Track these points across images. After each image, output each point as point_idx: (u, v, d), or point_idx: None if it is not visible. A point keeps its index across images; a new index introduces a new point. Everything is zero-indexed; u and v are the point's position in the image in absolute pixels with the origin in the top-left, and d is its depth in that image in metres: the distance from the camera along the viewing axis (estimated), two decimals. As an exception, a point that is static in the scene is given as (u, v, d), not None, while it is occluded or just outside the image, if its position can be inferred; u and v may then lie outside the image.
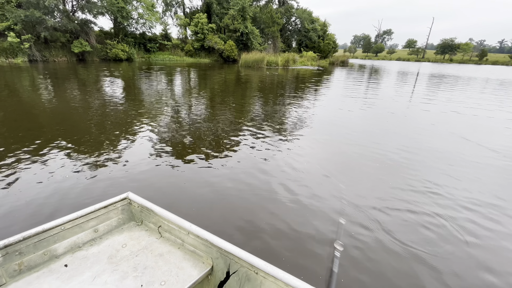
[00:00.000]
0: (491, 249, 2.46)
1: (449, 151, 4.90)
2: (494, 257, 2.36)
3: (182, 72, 17.67)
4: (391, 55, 76.75)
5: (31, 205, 2.72)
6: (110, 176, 3.38)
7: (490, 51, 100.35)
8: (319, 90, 12.23)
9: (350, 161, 4.33)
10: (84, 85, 10.43)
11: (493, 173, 4.07)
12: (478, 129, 6.58)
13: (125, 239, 1.64)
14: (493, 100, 11.13)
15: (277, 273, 1.20)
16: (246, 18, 27.79)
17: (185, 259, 1.50)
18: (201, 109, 7.52)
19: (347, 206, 3.00)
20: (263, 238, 2.44)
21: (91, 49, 21.49)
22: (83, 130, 5.10)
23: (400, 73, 25.93)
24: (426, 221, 2.80)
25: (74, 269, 1.39)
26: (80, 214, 1.58)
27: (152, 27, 26.39)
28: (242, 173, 3.65)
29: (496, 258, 2.36)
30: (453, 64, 51.88)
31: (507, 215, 3.00)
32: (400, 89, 14.09)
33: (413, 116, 7.90)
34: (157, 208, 1.68)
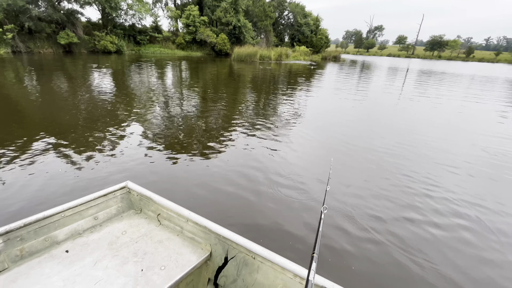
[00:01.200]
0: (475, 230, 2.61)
1: (442, 146, 5.08)
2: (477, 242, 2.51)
3: (173, 65, 17.38)
4: (382, 51, 77.56)
5: (22, 198, 2.69)
6: (103, 170, 3.35)
7: (477, 48, 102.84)
8: (313, 85, 12.31)
9: (342, 154, 4.43)
10: (72, 78, 10.14)
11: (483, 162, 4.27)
12: (464, 120, 6.82)
13: (124, 227, 1.68)
14: (479, 95, 11.50)
15: (273, 257, 1.25)
16: (239, 11, 27.42)
17: (184, 246, 1.54)
18: (193, 103, 7.47)
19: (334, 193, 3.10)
20: (258, 231, 2.50)
21: (79, 40, 20.78)
22: (72, 125, 4.99)
23: (391, 69, 26.31)
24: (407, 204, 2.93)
25: (75, 254, 1.43)
26: (80, 202, 1.61)
27: (142, 19, 25.71)
28: (235, 167, 3.68)
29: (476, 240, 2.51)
30: (442, 61, 52.95)
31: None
32: (391, 85, 14.32)
33: (402, 110, 8.10)
34: (156, 197, 1.71)
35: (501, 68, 37.41)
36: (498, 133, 6.07)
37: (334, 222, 2.65)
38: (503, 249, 2.44)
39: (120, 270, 1.34)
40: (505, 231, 2.69)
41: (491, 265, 2.25)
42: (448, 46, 65.74)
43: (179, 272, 1.36)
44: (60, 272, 1.30)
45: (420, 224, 2.70)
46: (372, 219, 2.72)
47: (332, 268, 2.11)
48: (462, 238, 2.55)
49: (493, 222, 2.82)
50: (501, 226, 2.76)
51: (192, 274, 1.43)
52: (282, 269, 1.22)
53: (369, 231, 2.54)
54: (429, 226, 2.68)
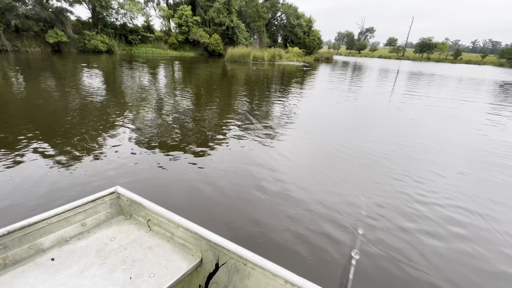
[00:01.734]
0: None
1: (431, 144, 5.18)
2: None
3: (166, 65, 17.20)
4: (373, 53, 78.90)
5: (6, 204, 2.60)
6: (93, 173, 3.27)
7: (464, 50, 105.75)
8: (307, 86, 12.39)
9: (335, 155, 4.46)
10: (61, 78, 9.89)
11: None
12: (452, 121, 6.99)
13: (113, 233, 1.64)
14: (466, 96, 11.81)
15: (264, 264, 1.23)
16: (232, 12, 27.38)
17: (175, 252, 1.52)
18: (186, 105, 7.40)
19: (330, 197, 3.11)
20: (250, 233, 2.48)
21: (68, 39, 20.34)
22: (60, 126, 4.86)
23: (382, 70, 26.75)
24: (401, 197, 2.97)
25: (61, 262, 1.38)
26: (67, 208, 1.56)
27: (134, 18, 25.37)
28: (229, 170, 3.65)
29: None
30: (431, 63, 54.19)
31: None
32: (382, 86, 14.56)
33: (393, 111, 8.24)
34: (146, 202, 1.68)
35: (488, 70, 38.57)
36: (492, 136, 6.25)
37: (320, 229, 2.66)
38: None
39: (107, 279, 1.31)
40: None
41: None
42: (437, 48, 67.40)
43: (168, 280, 1.33)
44: (45, 281, 1.26)
45: (415, 233, 2.74)
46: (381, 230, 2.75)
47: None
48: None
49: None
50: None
51: (182, 281, 1.41)
52: (273, 276, 1.21)
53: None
54: (423, 235, 2.72)
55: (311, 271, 2.08)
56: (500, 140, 5.74)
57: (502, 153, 4.96)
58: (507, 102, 11.39)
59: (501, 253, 2.45)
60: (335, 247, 2.33)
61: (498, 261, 2.35)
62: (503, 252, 2.46)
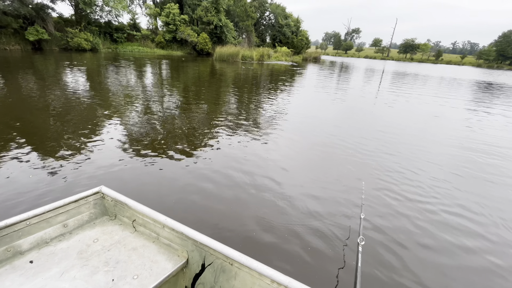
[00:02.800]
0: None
1: (415, 140, 5.41)
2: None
3: (153, 64, 16.92)
4: (360, 53, 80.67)
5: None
6: (77, 174, 3.18)
7: (445, 51, 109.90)
8: (296, 85, 12.55)
9: (325, 153, 4.59)
10: (43, 77, 9.54)
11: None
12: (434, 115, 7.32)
13: (97, 234, 1.60)
14: (450, 95, 12.35)
15: (251, 263, 1.23)
16: (220, 11, 27.23)
17: (160, 253, 1.50)
18: (174, 104, 7.34)
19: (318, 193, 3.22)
20: (240, 233, 2.49)
21: (49, 37, 19.59)
22: (42, 127, 4.70)
23: (368, 70, 27.42)
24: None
25: (40, 265, 1.34)
26: (48, 209, 1.51)
27: (119, 16, 24.79)
28: (218, 169, 3.63)
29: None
30: (414, 63, 56.01)
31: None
32: (368, 85, 14.95)
33: (379, 109, 8.51)
34: (131, 202, 1.64)
35: (467, 70, 40.33)
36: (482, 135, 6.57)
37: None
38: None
39: (88, 281, 1.27)
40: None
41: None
42: (420, 49, 69.75)
43: (153, 281, 1.30)
44: (22, 285, 1.21)
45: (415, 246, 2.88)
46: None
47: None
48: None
49: None
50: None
51: (167, 282, 1.38)
52: (260, 275, 1.20)
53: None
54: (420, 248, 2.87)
55: (309, 271, 2.16)
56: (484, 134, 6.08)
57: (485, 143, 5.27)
58: (494, 102, 12.00)
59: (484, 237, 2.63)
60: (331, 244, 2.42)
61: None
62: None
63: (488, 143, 5.62)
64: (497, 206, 3.23)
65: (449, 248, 2.45)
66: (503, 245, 2.56)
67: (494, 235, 2.69)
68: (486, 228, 2.79)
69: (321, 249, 2.28)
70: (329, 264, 2.15)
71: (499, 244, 2.57)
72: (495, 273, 2.22)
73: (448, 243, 2.51)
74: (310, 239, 2.40)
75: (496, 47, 61.23)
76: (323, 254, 2.24)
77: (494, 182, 3.86)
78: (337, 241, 2.40)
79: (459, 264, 2.28)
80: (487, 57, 61.26)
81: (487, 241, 2.59)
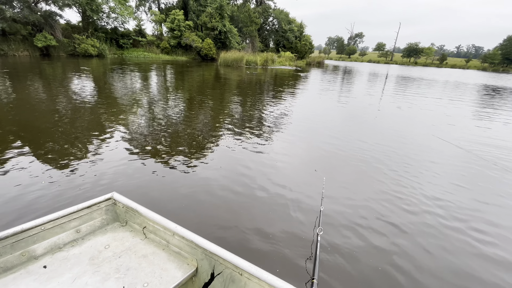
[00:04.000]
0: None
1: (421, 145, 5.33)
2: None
3: (158, 70, 17.09)
4: (363, 57, 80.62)
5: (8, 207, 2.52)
6: (87, 180, 3.18)
7: (449, 55, 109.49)
8: (300, 89, 12.55)
9: (330, 160, 4.53)
10: (51, 83, 9.68)
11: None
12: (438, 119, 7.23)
13: (108, 240, 1.61)
14: (458, 98, 12.22)
15: (261, 274, 1.20)
16: (224, 17, 27.53)
17: (170, 261, 1.49)
18: (180, 109, 7.37)
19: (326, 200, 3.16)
20: (247, 239, 2.44)
21: (57, 43, 19.98)
22: (51, 132, 4.71)
23: (371, 74, 27.36)
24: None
25: (53, 270, 1.35)
26: (62, 214, 1.53)
27: (125, 22, 25.19)
28: (226, 174, 3.61)
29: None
30: (418, 67, 55.78)
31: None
32: (372, 88, 14.89)
33: (385, 114, 8.44)
34: (142, 209, 1.65)
35: (471, 74, 40.03)
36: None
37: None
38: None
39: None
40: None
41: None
42: (423, 53, 69.49)
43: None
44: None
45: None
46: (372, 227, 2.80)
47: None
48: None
49: None
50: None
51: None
52: (270, 287, 1.17)
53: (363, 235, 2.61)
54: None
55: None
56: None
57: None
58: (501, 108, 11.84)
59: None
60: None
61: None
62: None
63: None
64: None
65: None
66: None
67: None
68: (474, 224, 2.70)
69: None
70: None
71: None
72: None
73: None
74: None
75: (501, 50, 60.75)
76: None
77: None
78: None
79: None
80: (492, 61, 60.73)
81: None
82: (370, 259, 2.26)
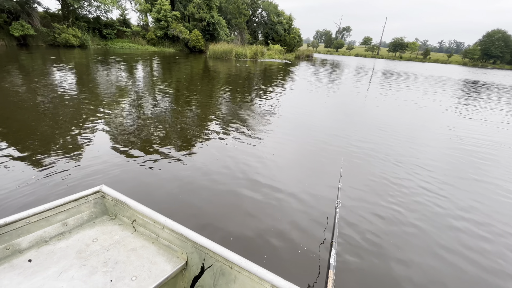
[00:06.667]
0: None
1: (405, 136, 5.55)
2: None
3: (144, 61, 16.60)
4: (350, 51, 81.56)
5: None
6: (74, 175, 3.07)
7: (432, 50, 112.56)
8: (292, 82, 12.59)
9: (316, 154, 4.64)
10: (29, 74, 9.16)
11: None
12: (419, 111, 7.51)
13: (96, 234, 1.58)
14: (436, 92, 12.69)
15: (251, 267, 1.21)
16: (212, 8, 26.94)
17: (159, 254, 1.48)
18: (168, 103, 7.24)
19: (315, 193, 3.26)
20: (233, 233, 2.41)
21: (35, 32, 18.91)
22: (33, 127, 4.48)
23: (358, 68, 27.81)
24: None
25: (38, 264, 1.32)
26: (48, 207, 1.49)
27: (108, 11, 24.10)
28: (215, 168, 3.55)
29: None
30: (403, 61, 57.14)
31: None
32: (359, 83, 15.18)
33: (369, 108, 8.67)
34: (132, 202, 1.63)
35: (453, 68, 41.51)
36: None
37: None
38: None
39: (86, 281, 1.25)
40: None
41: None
42: (408, 47, 71.17)
43: (151, 283, 1.29)
44: (20, 284, 1.20)
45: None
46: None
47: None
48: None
49: None
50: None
51: (166, 284, 1.36)
52: (260, 280, 1.18)
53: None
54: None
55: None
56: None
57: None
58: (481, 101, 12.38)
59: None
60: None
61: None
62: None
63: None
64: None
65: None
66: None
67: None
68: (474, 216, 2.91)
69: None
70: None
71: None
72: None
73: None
74: (298, 232, 2.44)
75: (480, 46, 63.19)
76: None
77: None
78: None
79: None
80: (472, 56, 63.14)
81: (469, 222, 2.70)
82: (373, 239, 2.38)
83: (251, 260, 1.24)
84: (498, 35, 61.55)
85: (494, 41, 61.38)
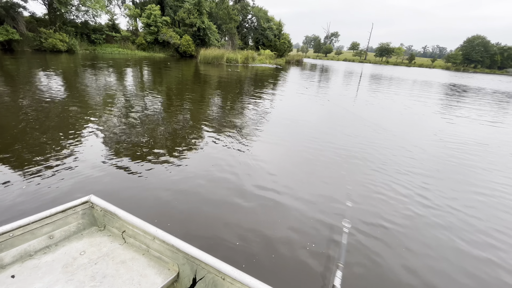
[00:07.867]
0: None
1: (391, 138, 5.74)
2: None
3: (134, 66, 16.44)
4: (339, 56, 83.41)
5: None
6: (59, 184, 2.99)
7: (417, 55, 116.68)
8: (284, 86, 12.76)
9: (309, 155, 4.74)
10: (14, 80, 8.91)
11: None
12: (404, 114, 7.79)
13: (84, 246, 1.52)
14: (421, 96, 13.16)
15: (243, 278, 1.18)
16: (203, 13, 27.06)
17: (150, 266, 1.43)
18: (160, 109, 7.21)
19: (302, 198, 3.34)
20: (225, 241, 2.37)
21: (21, 37, 18.45)
22: (18, 134, 4.34)
23: (347, 72, 28.44)
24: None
25: (22, 280, 1.26)
26: (33, 220, 1.44)
27: (97, 16, 23.82)
28: (205, 175, 3.52)
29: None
30: (390, 66, 58.82)
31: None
32: (348, 86, 15.54)
33: (360, 110, 8.91)
34: (122, 212, 1.57)
35: (437, 73, 43.07)
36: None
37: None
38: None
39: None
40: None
41: None
42: (394, 53, 73.45)
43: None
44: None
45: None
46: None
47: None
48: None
49: None
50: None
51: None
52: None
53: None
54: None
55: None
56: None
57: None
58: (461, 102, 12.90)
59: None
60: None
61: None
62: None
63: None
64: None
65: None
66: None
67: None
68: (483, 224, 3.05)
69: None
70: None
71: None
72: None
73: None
74: (297, 237, 2.50)
75: (462, 51, 65.92)
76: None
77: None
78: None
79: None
80: (454, 61, 65.73)
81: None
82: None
83: (243, 271, 1.22)
84: (478, 41, 64.44)
85: (474, 46, 64.18)
